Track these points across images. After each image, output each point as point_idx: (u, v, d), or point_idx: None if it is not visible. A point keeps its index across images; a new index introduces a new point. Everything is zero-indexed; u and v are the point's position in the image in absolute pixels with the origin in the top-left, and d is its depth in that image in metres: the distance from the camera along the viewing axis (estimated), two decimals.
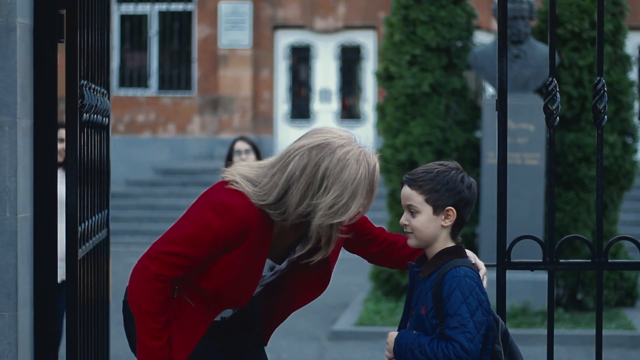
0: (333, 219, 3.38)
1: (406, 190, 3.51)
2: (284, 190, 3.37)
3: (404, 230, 3.56)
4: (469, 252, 3.63)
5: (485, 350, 3.44)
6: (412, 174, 3.54)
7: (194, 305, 3.55)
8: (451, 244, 3.54)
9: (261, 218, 3.43)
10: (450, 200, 3.47)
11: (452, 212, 3.49)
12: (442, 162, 3.57)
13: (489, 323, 3.45)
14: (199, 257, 3.44)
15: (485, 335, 3.43)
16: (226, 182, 3.49)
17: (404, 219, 3.52)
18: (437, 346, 3.40)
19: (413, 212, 3.50)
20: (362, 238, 3.76)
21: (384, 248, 3.80)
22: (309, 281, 3.67)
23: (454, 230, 3.53)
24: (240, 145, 7.75)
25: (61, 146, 6.38)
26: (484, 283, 3.52)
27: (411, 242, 3.55)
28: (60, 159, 6.41)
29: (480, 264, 3.61)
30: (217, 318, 3.67)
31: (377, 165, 3.44)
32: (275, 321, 3.81)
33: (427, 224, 3.49)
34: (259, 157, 7.60)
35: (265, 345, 3.85)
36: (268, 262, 3.57)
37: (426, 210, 3.49)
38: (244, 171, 3.51)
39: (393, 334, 3.57)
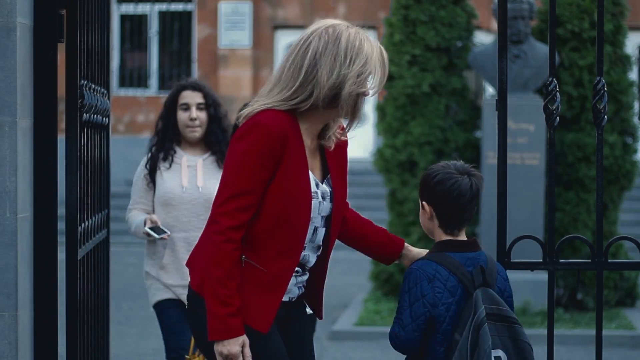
0: (362, 87, 3.55)
1: None
2: (311, 67, 3.51)
3: None
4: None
5: (435, 339, 3.61)
6: None
7: (264, 269, 3.54)
8: (445, 237, 3.71)
9: (290, 119, 3.53)
10: (423, 195, 3.71)
11: (426, 206, 3.70)
12: (448, 162, 3.73)
13: (434, 315, 3.58)
14: (254, 188, 3.48)
15: (432, 326, 3.59)
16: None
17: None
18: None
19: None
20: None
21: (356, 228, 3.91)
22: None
23: (444, 225, 3.70)
24: None
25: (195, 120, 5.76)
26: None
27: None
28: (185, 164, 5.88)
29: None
30: (286, 298, 3.64)
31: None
32: (319, 287, 3.80)
33: (421, 216, 3.76)
34: None
35: (321, 318, 3.86)
36: (313, 178, 3.61)
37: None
38: (254, 98, 3.65)
39: None
